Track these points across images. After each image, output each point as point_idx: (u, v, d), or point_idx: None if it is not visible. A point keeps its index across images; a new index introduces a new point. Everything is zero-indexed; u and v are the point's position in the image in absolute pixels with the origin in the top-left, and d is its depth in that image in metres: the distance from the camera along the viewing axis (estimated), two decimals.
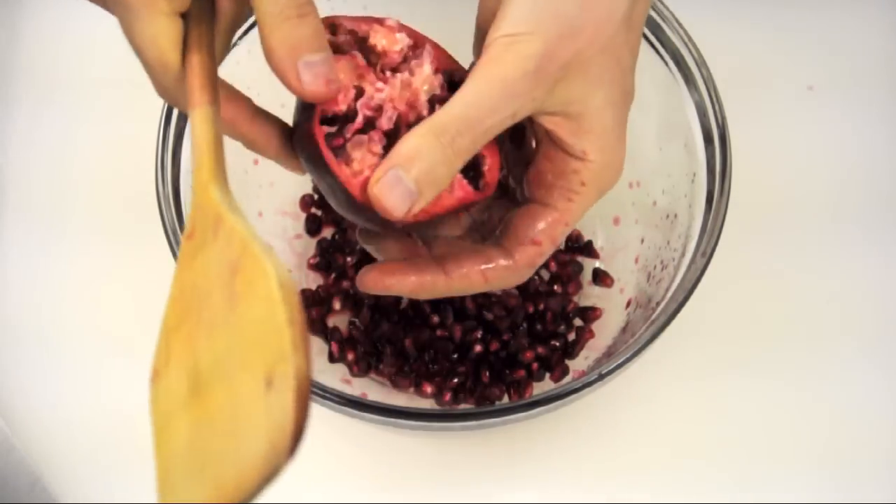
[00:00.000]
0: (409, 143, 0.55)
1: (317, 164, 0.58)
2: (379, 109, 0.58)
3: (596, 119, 0.57)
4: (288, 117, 0.61)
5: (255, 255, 0.56)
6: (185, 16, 0.56)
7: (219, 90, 0.56)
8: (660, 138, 0.76)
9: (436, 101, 0.59)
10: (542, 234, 0.60)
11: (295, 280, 0.68)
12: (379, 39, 0.60)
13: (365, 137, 0.58)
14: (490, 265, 0.61)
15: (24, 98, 0.92)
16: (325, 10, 0.62)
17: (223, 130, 0.56)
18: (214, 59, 0.56)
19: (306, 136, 0.58)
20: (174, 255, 0.69)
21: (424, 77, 0.59)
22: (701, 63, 0.71)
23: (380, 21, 0.60)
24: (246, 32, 0.73)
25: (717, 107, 0.71)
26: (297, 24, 0.54)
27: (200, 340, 0.60)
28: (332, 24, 0.59)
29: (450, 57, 0.61)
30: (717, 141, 0.71)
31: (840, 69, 0.92)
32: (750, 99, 0.88)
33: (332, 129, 0.58)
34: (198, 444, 0.57)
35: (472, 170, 0.59)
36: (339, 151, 0.58)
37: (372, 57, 0.60)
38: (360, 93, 0.58)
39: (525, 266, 0.61)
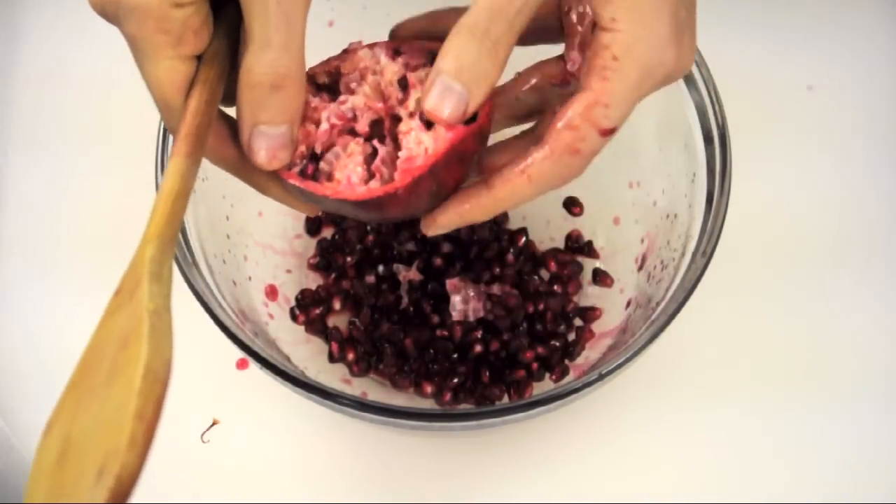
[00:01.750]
0: (446, 47, 0.55)
1: (309, 197, 0.59)
2: (353, 118, 0.60)
3: None
4: None
5: (141, 334, 0.54)
6: (201, 56, 0.56)
7: (205, 140, 0.56)
8: (660, 138, 0.76)
9: (407, 82, 0.59)
10: (580, 117, 0.56)
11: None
12: (352, 65, 0.61)
13: (337, 149, 0.59)
14: (528, 161, 0.57)
15: (25, 98, 0.92)
16: (324, 11, 0.63)
17: (193, 185, 0.56)
18: (214, 104, 0.56)
19: (286, 181, 0.59)
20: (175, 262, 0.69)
21: (384, 68, 0.60)
22: (701, 63, 0.71)
23: (347, 51, 0.61)
24: None
25: (717, 107, 0.71)
26: (265, 94, 0.55)
27: (80, 408, 0.57)
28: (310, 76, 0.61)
29: (414, 43, 0.62)
30: (717, 141, 0.71)
31: (840, 69, 0.92)
32: (750, 99, 0.88)
33: (300, 164, 0.59)
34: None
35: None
36: (317, 175, 0.59)
37: (354, 84, 0.61)
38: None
39: (564, 153, 0.57)
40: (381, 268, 0.81)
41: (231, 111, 0.58)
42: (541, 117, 0.64)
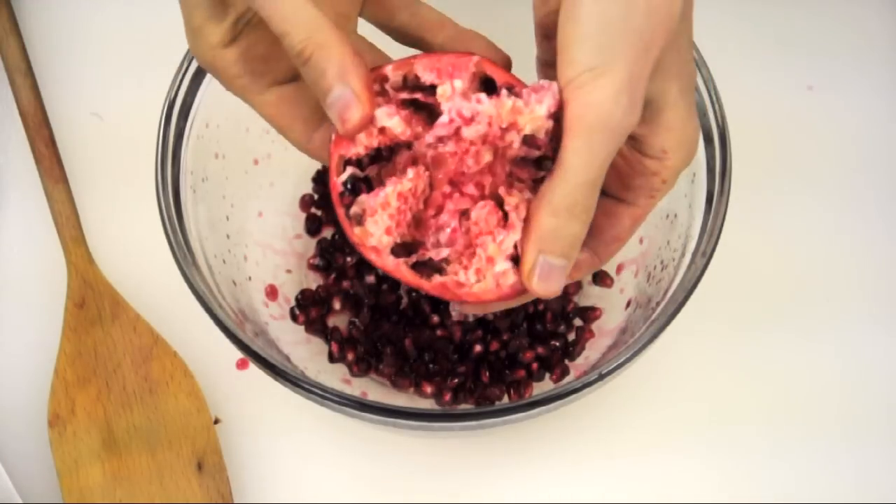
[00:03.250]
0: (546, 225, 0.56)
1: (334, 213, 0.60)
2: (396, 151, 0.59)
3: (673, 113, 0.58)
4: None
5: (172, 352, 0.79)
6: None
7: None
8: None
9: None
10: (627, 231, 0.61)
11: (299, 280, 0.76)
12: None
13: (373, 204, 0.58)
14: (582, 271, 0.62)
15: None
16: None
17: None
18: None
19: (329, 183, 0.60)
20: (172, 249, 0.69)
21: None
22: (701, 63, 0.71)
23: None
24: None
25: (717, 107, 0.71)
26: (301, 64, 0.55)
27: (112, 406, 0.77)
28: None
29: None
30: (717, 141, 0.71)
31: (840, 69, 0.92)
32: (750, 99, 0.88)
33: (345, 187, 0.59)
34: (115, 489, 0.75)
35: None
36: (348, 211, 0.59)
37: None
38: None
39: (608, 259, 0.63)
40: None
41: None
42: None
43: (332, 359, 0.79)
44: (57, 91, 0.91)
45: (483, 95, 0.57)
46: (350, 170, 0.59)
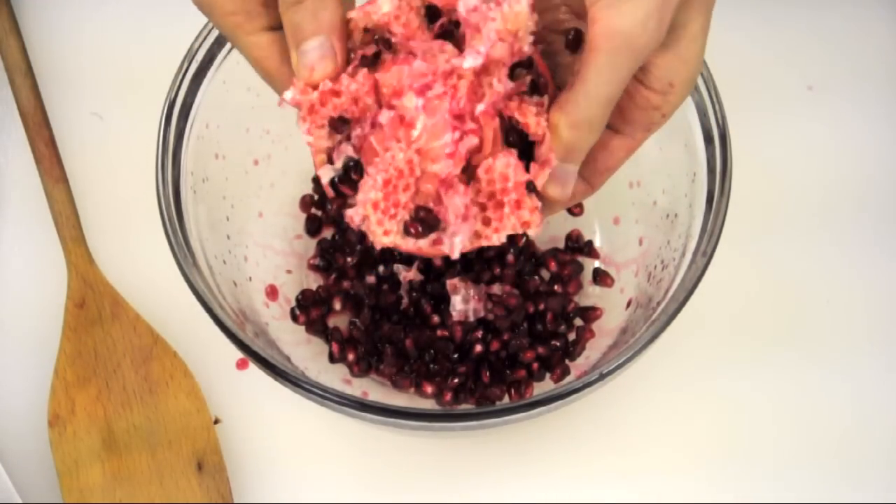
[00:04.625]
0: (566, 137, 0.57)
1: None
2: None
3: (692, 45, 0.58)
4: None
5: (171, 352, 0.79)
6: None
7: None
8: (660, 138, 0.76)
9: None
10: (619, 161, 0.62)
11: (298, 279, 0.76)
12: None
13: (362, 210, 0.59)
14: (575, 199, 0.63)
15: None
16: None
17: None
18: None
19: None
20: (172, 250, 0.69)
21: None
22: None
23: None
24: None
25: (717, 107, 0.71)
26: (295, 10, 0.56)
27: (112, 406, 0.78)
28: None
29: None
30: (717, 141, 0.71)
31: (840, 69, 0.92)
32: (750, 99, 0.88)
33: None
34: (115, 489, 0.76)
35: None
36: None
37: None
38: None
39: (597, 188, 0.63)
40: (381, 268, 0.81)
41: None
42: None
43: (332, 359, 0.79)
44: (57, 91, 0.91)
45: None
46: (328, 170, 0.60)
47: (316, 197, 0.85)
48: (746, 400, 0.81)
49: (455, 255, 0.60)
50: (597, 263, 0.83)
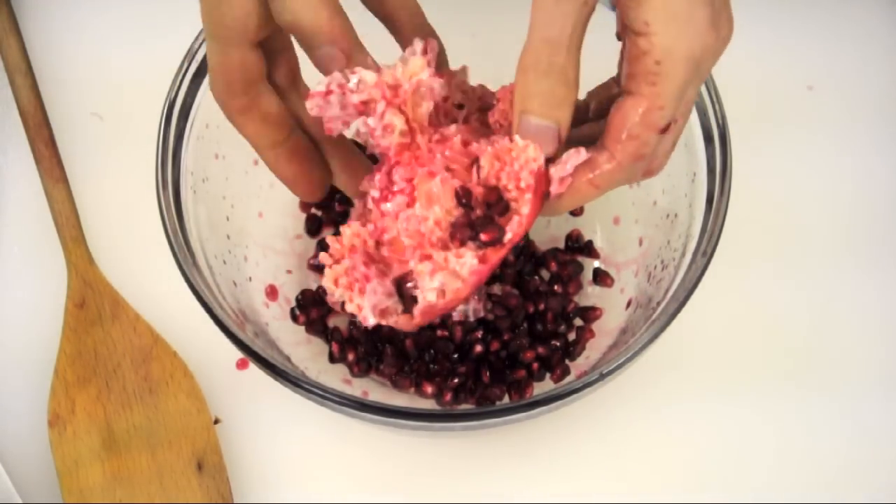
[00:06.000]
0: (519, 89, 0.56)
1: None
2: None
3: None
4: None
5: (171, 352, 0.79)
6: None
7: None
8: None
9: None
10: (638, 126, 0.57)
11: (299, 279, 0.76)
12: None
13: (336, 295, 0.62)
14: (596, 172, 0.59)
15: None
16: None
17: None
18: None
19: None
20: (172, 250, 0.69)
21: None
22: None
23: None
24: None
25: (717, 107, 0.71)
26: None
27: (111, 406, 0.78)
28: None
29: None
30: (717, 140, 0.71)
31: (840, 69, 0.92)
32: (750, 99, 0.88)
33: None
34: (115, 489, 0.76)
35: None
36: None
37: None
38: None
39: (630, 162, 0.59)
40: None
41: None
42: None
43: (332, 359, 0.79)
44: (57, 91, 0.91)
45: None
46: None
47: None
48: (746, 400, 0.81)
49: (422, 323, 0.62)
50: (597, 263, 0.83)
